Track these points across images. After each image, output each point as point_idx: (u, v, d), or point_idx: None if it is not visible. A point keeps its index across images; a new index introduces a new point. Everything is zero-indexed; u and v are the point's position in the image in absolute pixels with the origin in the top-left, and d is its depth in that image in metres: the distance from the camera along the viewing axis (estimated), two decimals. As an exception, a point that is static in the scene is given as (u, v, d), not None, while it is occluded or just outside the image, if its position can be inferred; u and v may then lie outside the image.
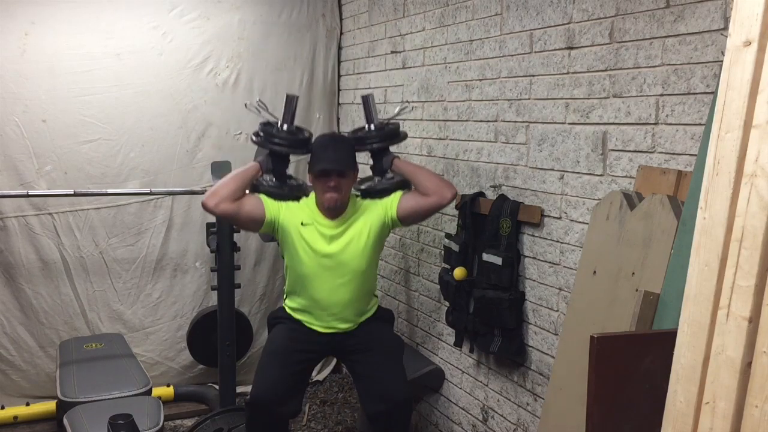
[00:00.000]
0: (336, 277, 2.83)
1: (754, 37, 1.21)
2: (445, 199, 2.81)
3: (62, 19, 3.77)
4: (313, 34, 4.29)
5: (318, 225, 2.83)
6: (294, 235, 2.83)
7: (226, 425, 3.25)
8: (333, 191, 2.77)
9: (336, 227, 2.83)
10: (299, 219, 2.84)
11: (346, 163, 2.82)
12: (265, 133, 2.93)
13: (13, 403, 3.76)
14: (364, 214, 2.87)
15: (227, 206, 2.76)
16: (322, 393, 4.20)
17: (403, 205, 2.86)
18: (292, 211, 2.86)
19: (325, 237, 2.82)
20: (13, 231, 3.80)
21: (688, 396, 1.33)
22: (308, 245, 2.82)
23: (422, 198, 2.83)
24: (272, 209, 2.84)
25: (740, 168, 1.23)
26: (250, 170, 2.88)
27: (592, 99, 2.37)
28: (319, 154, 2.83)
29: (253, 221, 2.85)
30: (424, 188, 2.83)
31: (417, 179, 2.87)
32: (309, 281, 2.85)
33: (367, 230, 2.85)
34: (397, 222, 2.89)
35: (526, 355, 2.76)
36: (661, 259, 1.96)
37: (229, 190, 2.77)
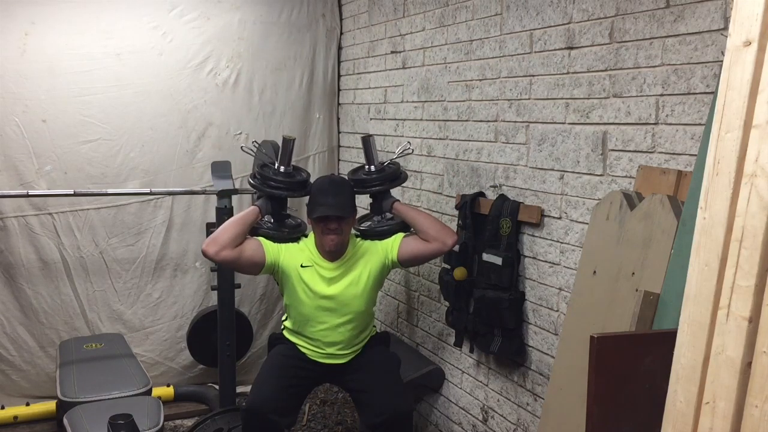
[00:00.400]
0: (335, 318, 2.86)
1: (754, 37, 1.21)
2: (446, 246, 2.84)
3: (62, 19, 3.77)
4: (313, 34, 4.29)
5: (318, 267, 2.85)
6: (294, 277, 2.85)
7: (226, 425, 3.25)
8: (333, 234, 2.78)
9: (336, 269, 2.85)
10: (299, 261, 2.85)
11: (346, 208, 2.83)
12: (262, 177, 2.94)
13: (13, 403, 3.76)
14: (365, 256, 2.89)
15: (228, 253, 2.76)
16: (322, 393, 4.19)
17: (404, 249, 2.88)
18: (292, 252, 2.87)
19: (325, 279, 2.84)
20: (13, 231, 3.80)
21: (688, 396, 1.33)
22: (308, 287, 2.84)
23: (423, 244, 2.86)
24: (272, 252, 2.85)
25: (740, 168, 1.23)
26: (249, 215, 2.87)
27: (592, 99, 2.37)
28: (318, 198, 2.83)
29: (253, 266, 2.85)
30: (425, 235, 2.86)
31: (418, 225, 2.89)
32: (308, 321, 2.88)
33: (367, 272, 2.87)
34: (397, 264, 2.92)
35: (526, 355, 2.76)
36: (661, 259, 1.96)
37: (230, 237, 2.77)
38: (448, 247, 2.84)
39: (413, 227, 2.91)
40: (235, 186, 3.64)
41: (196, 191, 3.87)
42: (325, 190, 2.86)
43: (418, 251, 2.87)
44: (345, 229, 2.83)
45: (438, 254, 2.90)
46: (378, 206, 3.02)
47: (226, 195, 3.50)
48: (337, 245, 2.81)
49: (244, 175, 4.10)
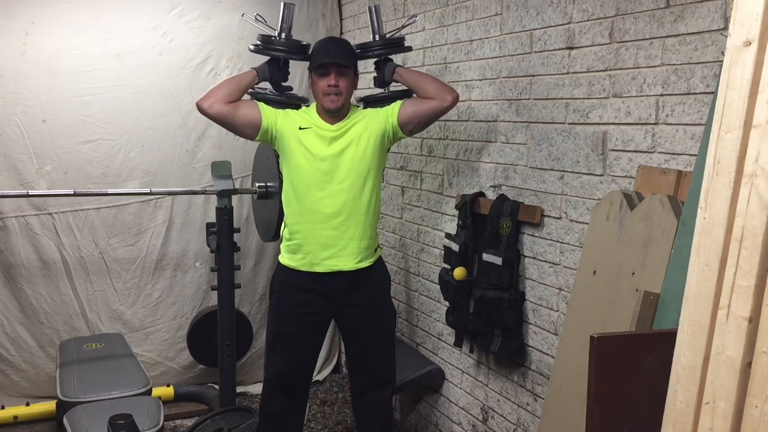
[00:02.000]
0: (335, 183, 2.75)
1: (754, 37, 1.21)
2: (445, 101, 2.77)
3: (62, 19, 3.77)
4: (313, 34, 4.28)
5: (317, 128, 2.78)
6: (292, 140, 2.78)
7: (226, 425, 3.24)
8: (333, 90, 2.72)
9: (336, 130, 2.78)
10: (297, 124, 2.79)
11: (346, 58, 2.78)
12: (263, 40, 2.91)
13: (13, 403, 3.76)
14: (365, 119, 2.82)
15: (221, 107, 2.74)
16: (322, 393, 4.20)
17: (403, 110, 2.82)
18: (291, 117, 2.82)
19: (325, 139, 2.76)
20: (13, 231, 3.80)
21: (688, 396, 1.33)
22: (307, 149, 2.76)
23: (423, 102, 2.81)
24: (269, 115, 2.80)
25: (740, 168, 1.23)
26: (246, 75, 2.85)
27: (592, 99, 2.37)
28: (320, 50, 2.80)
29: (249, 125, 2.79)
30: (425, 92, 2.81)
31: (419, 85, 2.83)
32: (307, 189, 2.76)
33: (367, 134, 2.79)
34: (398, 129, 2.82)
35: (526, 355, 2.76)
36: (661, 259, 1.96)
37: (224, 92, 2.76)
38: (447, 103, 2.78)
39: (414, 88, 2.86)
40: (235, 186, 3.64)
41: (196, 191, 3.87)
42: (327, 43, 2.86)
43: (417, 110, 2.81)
44: (345, 88, 2.76)
45: (436, 111, 2.81)
46: (381, 76, 2.96)
47: (226, 195, 3.49)
48: (338, 104, 2.74)
49: (245, 175, 4.11)
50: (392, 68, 2.92)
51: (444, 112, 2.84)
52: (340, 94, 2.73)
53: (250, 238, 4.20)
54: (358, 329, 2.89)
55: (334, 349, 4.48)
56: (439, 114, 2.85)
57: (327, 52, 2.77)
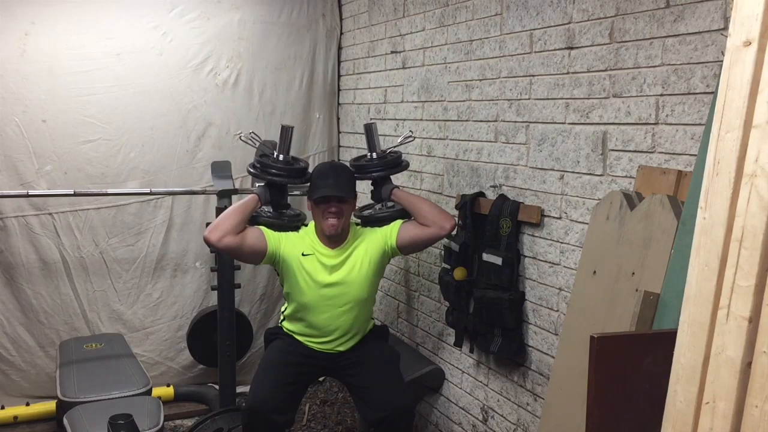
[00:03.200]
0: (337, 306, 2.85)
1: (754, 37, 1.21)
2: (444, 230, 2.85)
3: (62, 19, 3.77)
4: (313, 34, 4.29)
5: (319, 255, 2.85)
6: (295, 265, 2.85)
7: (226, 425, 3.24)
8: (333, 217, 2.79)
9: (337, 256, 2.85)
10: (300, 250, 2.85)
11: (346, 189, 2.84)
12: (262, 165, 2.95)
13: (13, 403, 3.76)
14: (364, 243, 2.89)
15: (230, 240, 2.76)
16: (322, 393, 4.20)
17: (402, 235, 2.88)
18: (293, 241, 2.87)
19: (326, 267, 2.84)
20: (13, 231, 3.80)
21: (688, 396, 1.33)
22: (309, 276, 2.84)
23: (421, 229, 2.87)
24: (273, 241, 2.85)
25: (740, 168, 1.23)
26: (249, 203, 2.88)
27: (592, 99, 2.37)
28: (319, 181, 2.84)
29: (255, 254, 2.85)
30: (423, 219, 2.87)
31: (416, 210, 2.90)
32: (310, 310, 2.87)
33: (368, 259, 2.87)
34: (396, 251, 2.92)
35: (526, 355, 2.76)
36: (661, 259, 1.96)
37: (231, 224, 2.77)
38: (446, 231, 2.84)
39: (412, 212, 2.92)
40: (235, 186, 3.64)
41: (196, 191, 3.87)
42: (326, 173, 2.88)
43: (416, 236, 2.87)
44: (345, 212, 2.82)
45: (436, 238, 2.89)
46: (378, 193, 3.02)
47: (226, 195, 3.50)
48: (338, 229, 2.80)
49: (245, 176, 4.10)
50: (389, 190, 2.98)
51: (441, 239, 2.94)
52: (340, 218, 2.80)
53: (250, 238, 4.20)
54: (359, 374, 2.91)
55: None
56: (437, 240, 2.95)
57: (327, 184, 2.81)
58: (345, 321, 2.87)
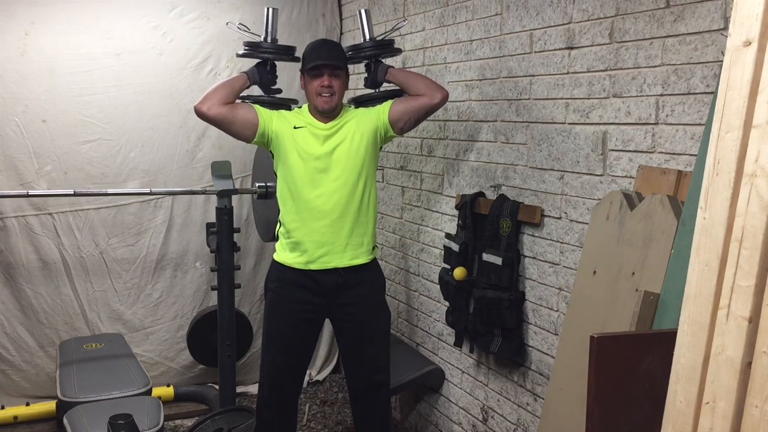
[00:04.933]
0: (330, 180, 2.78)
1: (754, 37, 1.21)
2: (435, 98, 2.81)
3: (62, 19, 3.77)
4: (313, 34, 4.28)
5: (311, 127, 2.82)
6: (287, 139, 2.82)
7: (226, 425, 3.25)
8: (327, 92, 2.76)
9: (329, 129, 2.82)
10: (292, 124, 2.84)
11: (339, 59, 2.82)
12: (250, 45, 2.97)
13: (13, 403, 3.76)
14: (356, 118, 2.86)
15: (220, 109, 2.77)
16: (322, 393, 4.20)
17: (394, 109, 2.85)
18: (285, 117, 2.86)
19: (319, 138, 2.80)
20: (13, 231, 3.80)
21: (688, 396, 1.33)
22: (301, 148, 2.80)
23: (413, 99, 2.85)
24: (265, 115, 2.84)
25: (740, 168, 1.23)
26: (237, 80, 2.89)
27: (592, 99, 2.37)
28: (312, 53, 2.83)
29: (246, 126, 2.82)
30: (415, 89, 2.85)
31: (410, 83, 2.88)
32: (303, 187, 2.79)
33: (360, 132, 2.83)
34: (389, 127, 2.85)
35: (526, 355, 2.76)
36: (661, 259, 1.96)
37: (220, 95, 2.79)
38: (436, 100, 2.82)
39: (405, 87, 2.89)
40: (235, 186, 3.64)
41: (196, 191, 3.87)
42: (319, 46, 2.89)
43: (408, 106, 2.84)
44: (337, 88, 2.80)
45: (426, 108, 2.84)
46: (373, 77, 3.00)
47: (226, 195, 3.49)
48: (331, 104, 2.78)
49: (245, 175, 4.11)
50: (384, 69, 2.96)
51: (434, 110, 2.88)
52: (333, 94, 2.77)
53: (250, 238, 4.20)
54: (352, 329, 2.88)
55: (334, 350, 4.48)
56: (429, 111, 2.88)
57: (319, 54, 2.80)
58: (338, 200, 2.77)
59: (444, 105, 2.88)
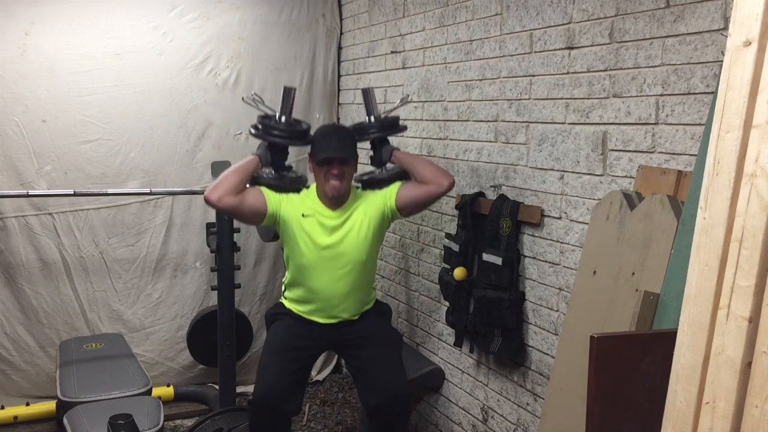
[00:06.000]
0: (336, 269, 2.81)
1: (754, 37, 1.21)
2: (442, 187, 2.81)
3: (62, 19, 3.77)
4: (313, 34, 4.29)
5: (319, 216, 2.82)
6: (295, 226, 2.82)
7: (226, 425, 3.24)
8: (336, 179, 2.76)
9: (337, 218, 2.82)
10: (300, 210, 2.83)
11: (349, 151, 2.82)
12: (264, 126, 2.93)
13: (13, 403, 3.76)
14: (364, 204, 2.86)
15: (230, 200, 2.75)
16: (322, 393, 4.20)
17: (401, 195, 2.85)
18: (293, 203, 2.85)
19: (326, 228, 2.81)
20: (13, 231, 3.80)
21: (688, 396, 1.33)
22: (309, 237, 2.80)
23: (420, 187, 2.84)
24: (274, 201, 2.83)
25: (740, 168, 1.23)
26: (249, 164, 2.86)
27: (592, 99, 2.37)
28: (322, 142, 2.82)
29: (255, 214, 2.83)
30: (421, 177, 2.84)
31: (415, 169, 2.87)
32: (309, 273, 2.83)
33: (367, 221, 2.84)
34: (396, 212, 2.88)
35: (526, 355, 2.76)
36: (661, 259, 1.96)
37: (231, 184, 2.76)
38: (444, 188, 2.81)
39: (411, 171, 2.89)
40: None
41: (196, 191, 3.87)
42: (329, 134, 2.87)
43: (415, 195, 2.84)
44: (347, 174, 2.80)
45: (433, 196, 2.85)
46: (378, 157, 3.00)
47: (226, 195, 3.49)
48: (340, 190, 2.78)
49: (244, 175, 4.10)
50: (390, 151, 2.96)
51: (441, 197, 2.91)
52: (342, 180, 2.78)
53: (250, 238, 4.20)
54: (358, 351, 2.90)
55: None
56: (436, 199, 2.91)
57: (330, 145, 2.80)
58: (345, 285, 2.82)
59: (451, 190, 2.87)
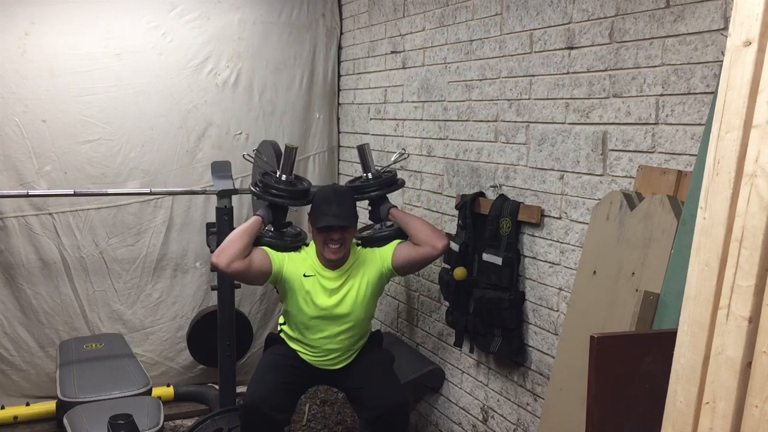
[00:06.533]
0: (334, 326, 2.87)
1: (754, 37, 1.21)
2: (436, 250, 2.86)
3: (62, 19, 3.77)
4: (313, 34, 4.29)
5: (320, 277, 2.86)
6: (297, 286, 2.86)
7: (226, 425, 3.25)
8: (336, 244, 2.79)
9: (337, 279, 2.87)
10: (301, 270, 2.87)
11: (349, 218, 2.84)
12: (264, 185, 2.95)
13: (13, 403, 3.76)
14: (363, 265, 2.91)
15: (239, 264, 2.76)
16: (322, 393, 4.20)
17: (397, 256, 2.91)
18: (295, 262, 2.88)
19: (326, 290, 2.86)
20: (13, 231, 3.80)
21: (688, 396, 1.33)
22: (310, 297, 2.85)
23: (415, 249, 2.89)
24: (277, 261, 2.86)
25: (740, 168, 1.23)
26: (254, 225, 2.87)
27: (592, 99, 2.37)
28: (322, 208, 2.84)
29: (261, 276, 2.86)
30: (416, 239, 2.89)
31: (409, 230, 2.92)
32: (308, 329, 2.89)
33: (366, 281, 2.89)
34: (393, 272, 2.94)
35: (526, 355, 2.76)
36: (661, 259, 1.96)
37: (238, 248, 2.77)
38: (437, 251, 2.86)
39: (406, 231, 2.94)
40: (235, 186, 3.64)
41: (196, 191, 3.87)
42: (329, 199, 2.87)
43: (410, 257, 2.90)
44: (347, 239, 2.84)
45: (429, 258, 2.90)
46: (377, 213, 3.05)
47: (226, 195, 3.50)
48: (339, 257, 2.83)
49: (245, 175, 4.11)
50: (387, 209, 3.01)
51: (435, 259, 2.96)
52: (342, 245, 2.81)
53: (250, 238, 4.20)
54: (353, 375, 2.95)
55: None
56: (431, 261, 2.96)
57: (330, 211, 2.81)
58: (342, 341, 2.90)
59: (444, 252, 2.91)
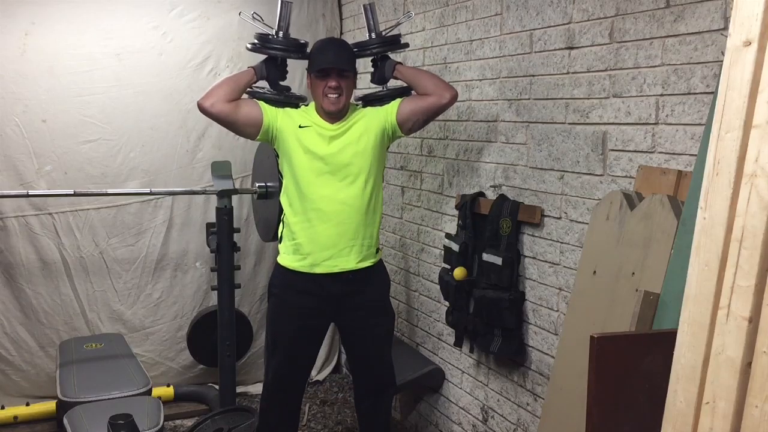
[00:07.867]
0: (335, 181, 2.73)
1: (754, 37, 1.21)
2: (444, 98, 2.75)
3: (62, 19, 3.77)
4: (313, 34, 4.28)
5: (317, 127, 2.76)
6: (292, 138, 2.76)
7: (226, 425, 3.24)
8: (334, 93, 2.70)
9: (336, 130, 2.76)
10: (297, 122, 2.77)
11: (347, 62, 2.76)
12: (261, 38, 2.88)
13: (13, 403, 3.76)
14: (365, 119, 2.80)
15: (223, 106, 2.71)
16: (322, 393, 4.20)
17: (402, 109, 2.79)
18: (291, 115, 2.80)
19: (324, 138, 2.74)
20: (13, 231, 3.80)
21: (688, 396, 1.33)
22: (307, 147, 2.74)
23: (421, 99, 2.78)
24: (270, 113, 2.78)
25: (740, 168, 1.23)
26: (244, 74, 2.83)
27: (592, 99, 2.37)
28: (319, 55, 2.77)
29: (250, 123, 2.76)
30: (423, 88, 2.78)
31: (418, 82, 2.81)
32: (308, 188, 2.74)
33: (367, 134, 2.77)
34: (396, 128, 2.80)
35: (526, 355, 2.76)
36: (661, 259, 1.96)
37: (224, 91, 2.73)
38: (446, 100, 2.75)
39: (413, 85, 2.83)
40: (235, 186, 3.64)
41: (196, 191, 3.87)
42: (326, 47, 2.82)
43: (416, 106, 2.78)
44: (345, 89, 2.74)
45: (434, 108, 2.77)
46: (380, 74, 2.93)
47: (226, 195, 3.49)
48: (338, 105, 2.72)
49: (245, 175, 4.11)
50: (392, 65, 2.88)
51: (443, 110, 2.82)
52: (340, 95, 2.71)
53: (250, 238, 4.20)
54: (357, 333, 2.89)
55: (334, 349, 4.48)
56: (438, 111, 2.81)
57: (327, 56, 2.75)
58: (343, 201, 2.72)
59: (453, 104, 2.82)
